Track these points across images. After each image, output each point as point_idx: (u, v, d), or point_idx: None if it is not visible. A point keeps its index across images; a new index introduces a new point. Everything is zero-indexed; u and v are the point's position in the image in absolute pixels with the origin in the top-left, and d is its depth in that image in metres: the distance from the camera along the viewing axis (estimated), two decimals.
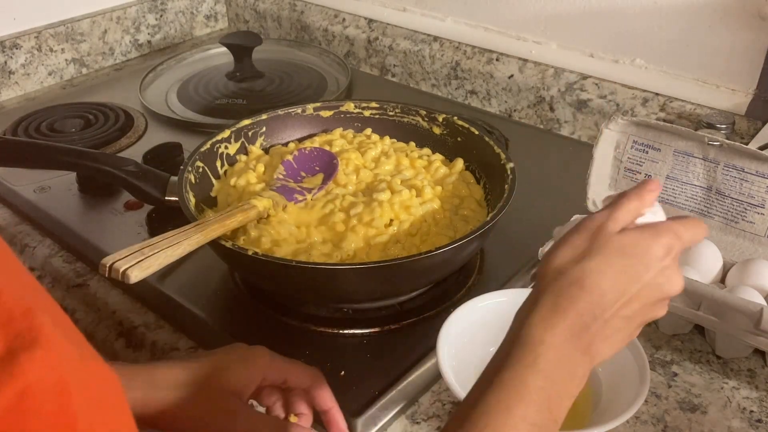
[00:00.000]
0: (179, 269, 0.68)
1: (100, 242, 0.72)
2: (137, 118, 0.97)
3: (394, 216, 0.65)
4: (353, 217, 0.64)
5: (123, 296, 0.68)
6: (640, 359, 0.51)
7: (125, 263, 0.51)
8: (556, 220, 0.70)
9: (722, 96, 0.82)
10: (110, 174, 0.70)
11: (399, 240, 0.63)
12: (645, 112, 0.87)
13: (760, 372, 0.58)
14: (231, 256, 0.61)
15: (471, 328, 0.56)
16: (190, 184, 0.67)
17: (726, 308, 0.57)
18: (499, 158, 0.69)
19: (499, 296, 0.58)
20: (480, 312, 0.57)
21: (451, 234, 0.64)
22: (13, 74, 1.08)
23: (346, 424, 0.52)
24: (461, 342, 0.54)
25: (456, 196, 0.70)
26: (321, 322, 0.62)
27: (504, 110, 1.00)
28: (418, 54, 1.06)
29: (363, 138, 0.77)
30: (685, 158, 0.67)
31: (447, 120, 0.76)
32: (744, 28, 0.79)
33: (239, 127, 0.75)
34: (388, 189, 0.67)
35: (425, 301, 0.64)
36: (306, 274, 0.56)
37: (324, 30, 1.18)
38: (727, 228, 0.66)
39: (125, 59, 1.22)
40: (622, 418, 0.47)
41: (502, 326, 0.57)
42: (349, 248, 0.62)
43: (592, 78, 0.91)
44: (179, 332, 0.64)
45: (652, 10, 0.84)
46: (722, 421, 0.54)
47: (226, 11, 1.34)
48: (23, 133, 0.93)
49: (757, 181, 0.63)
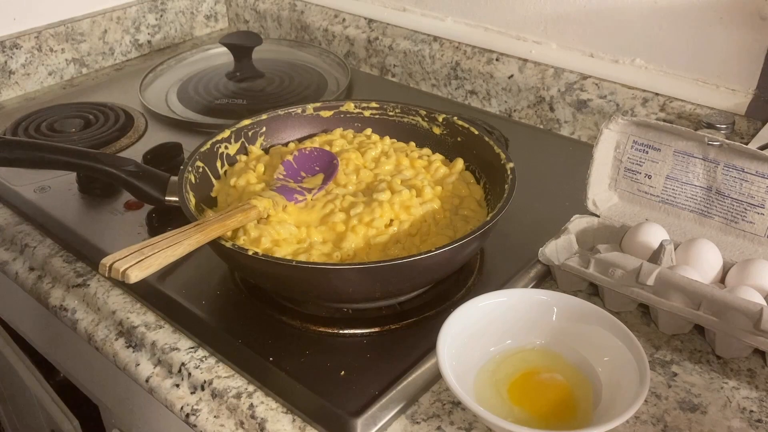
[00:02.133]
0: (179, 269, 0.68)
1: (100, 242, 0.73)
2: (137, 118, 0.98)
3: (394, 216, 0.65)
4: (353, 217, 0.64)
5: (123, 296, 0.68)
6: (640, 359, 0.51)
7: (125, 263, 0.51)
8: (556, 220, 0.70)
9: (722, 96, 0.83)
10: (110, 174, 0.70)
11: (399, 240, 0.63)
12: (645, 112, 0.87)
13: (760, 372, 0.58)
14: (231, 256, 0.61)
15: (471, 328, 0.56)
16: (190, 184, 0.67)
17: (726, 308, 0.57)
18: (499, 158, 0.69)
19: (499, 296, 0.58)
20: (480, 312, 0.57)
21: (451, 234, 0.64)
22: (13, 74, 1.08)
23: (347, 423, 0.52)
24: (461, 342, 0.54)
25: (456, 196, 0.70)
26: (321, 322, 0.62)
27: (504, 110, 1.00)
28: (418, 54, 1.06)
29: (363, 138, 0.77)
30: (685, 158, 0.67)
31: (447, 120, 0.76)
32: (744, 28, 0.79)
33: (239, 127, 0.75)
34: (388, 189, 0.67)
35: (425, 301, 0.64)
36: (306, 274, 0.56)
37: (324, 30, 1.18)
38: (727, 228, 0.66)
39: (125, 59, 1.22)
40: (622, 418, 0.47)
41: (502, 326, 0.57)
42: (349, 248, 0.62)
43: (592, 78, 0.91)
44: (179, 332, 0.64)
45: (652, 10, 0.84)
46: (722, 421, 0.54)
47: (226, 11, 1.34)
48: (23, 133, 0.93)
49: (757, 181, 0.63)
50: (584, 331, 0.56)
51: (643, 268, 0.61)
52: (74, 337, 0.71)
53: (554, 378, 0.55)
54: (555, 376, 0.55)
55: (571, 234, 0.68)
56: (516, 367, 0.55)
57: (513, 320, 0.57)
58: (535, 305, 0.58)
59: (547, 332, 0.57)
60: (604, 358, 0.54)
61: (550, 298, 0.58)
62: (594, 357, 0.55)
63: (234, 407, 0.57)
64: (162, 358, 0.62)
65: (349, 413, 0.53)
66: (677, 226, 0.68)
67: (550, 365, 0.56)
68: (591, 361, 0.55)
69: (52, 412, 0.91)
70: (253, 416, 0.56)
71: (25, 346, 0.92)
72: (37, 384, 0.92)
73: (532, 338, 0.57)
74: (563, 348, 0.56)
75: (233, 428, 0.56)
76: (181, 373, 0.61)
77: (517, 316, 0.57)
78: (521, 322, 0.57)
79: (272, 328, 0.62)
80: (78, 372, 0.83)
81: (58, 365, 0.87)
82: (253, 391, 0.58)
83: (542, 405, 0.52)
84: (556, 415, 0.52)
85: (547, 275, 0.68)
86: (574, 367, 0.55)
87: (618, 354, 0.53)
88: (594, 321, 0.56)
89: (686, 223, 0.68)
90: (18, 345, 0.93)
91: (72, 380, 0.85)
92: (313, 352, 0.59)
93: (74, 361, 0.81)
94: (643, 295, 0.61)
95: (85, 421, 0.88)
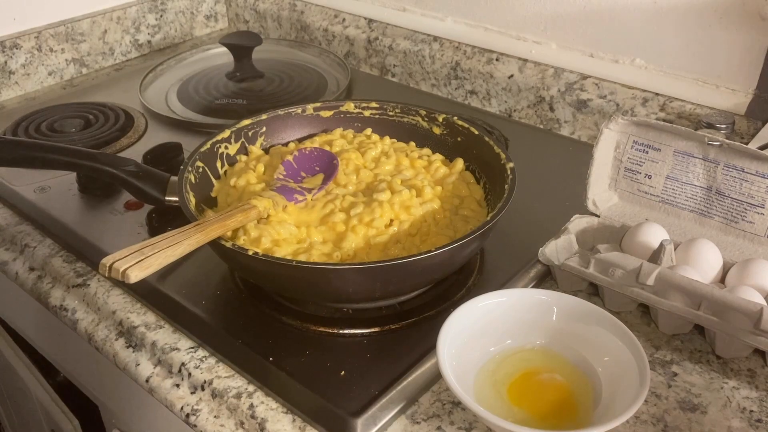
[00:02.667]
0: (179, 269, 0.68)
1: (100, 242, 0.73)
2: (137, 118, 0.98)
3: (394, 216, 0.65)
4: (353, 217, 0.64)
5: (123, 296, 0.68)
6: (639, 359, 0.51)
7: (125, 263, 0.51)
8: (556, 220, 0.70)
9: (722, 96, 0.83)
10: (110, 174, 0.70)
11: (399, 240, 0.63)
12: (645, 112, 0.87)
13: (760, 372, 0.58)
14: (231, 256, 0.61)
15: (471, 328, 0.56)
16: (191, 184, 0.67)
17: (726, 308, 0.57)
18: (499, 158, 0.69)
19: (499, 296, 0.58)
20: (480, 312, 0.57)
21: (451, 234, 0.64)
22: (14, 74, 1.08)
23: (347, 423, 0.52)
24: (461, 342, 0.54)
25: (456, 196, 0.70)
26: (321, 322, 0.62)
27: (504, 110, 1.00)
28: (418, 54, 1.06)
29: (363, 138, 0.77)
30: (685, 158, 0.67)
31: (447, 120, 0.76)
32: (744, 28, 0.79)
33: (239, 127, 0.75)
34: (388, 189, 0.67)
35: (425, 301, 0.64)
36: (306, 274, 0.56)
37: (324, 30, 1.18)
38: (727, 228, 0.66)
39: (125, 59, 1.22)
40: (622, 418, 0.47)
41: (502, 326, 0.57)
42: (349, 248, 0.62)
43: (592, 78, 0.91)
44: (179, 332, 0.64)
45: (652, 10, 0.85)
46: (722, 421, 0.54)
47: (226, 11, 1.34)
48: (23, 133, 0.93)
49: (757, 181, 0.63)
50: (584, 331, 0.56)
51: (643, 268, 0.61)
52: (74, 337, 0.71)
53: (554, 378, 0.55)
54: (555, 377, 0.55)
55: (571, 234, 0.68)
56: (516, 367, 0.55)
57: (513, 320, 0.57)
58: (535, 305, 0.58)
59: (547, 332, 0.57)
60: (604, 358, 0.54)
61: (550, 298, 0.58)
62: (594, 357, 0.55)
63: (234, 407, 0.57)
64: (162, 358, 0.62)
65: (349, 413, 0.53)
66: (677, 226, 0.68)
67: (550, 365, 0.56)
68: (591, 361, 0.55)
69: (52, 412, 0.91)
70: (253, 416, 0.56)
71: (25, 346, 0.92)
72: (37, 384, 0.92)
73: (532, 338, 0.57)
74: (563, 348, 0.56)
75: (233, 428, 0.56)
76: (181, 373, 0.61)
77: (516, 316, 0.57)
78: (521, 322, 0.57)
79: (272, 328, 0.62)
80: (78, 372, 0.83)
81: (58, 365, 0.87)
82: (253, 391, 0.58)
83: (542, 405, 0.52)
84: (555, 416, 0.52)
85: (547, 275, 0.68)
86: (574, 366, 0.55)
87: (618, 354, 0.53)
88: (594, 321, 0.56)
89: (686, 223, 0.68)
90: (18, 345, 0.93)
91: (72, 380, 0.85)
92: (313, 352, 0.59)
93: (74, 361, 0.81)
94: (643, 295, 0.61)
95: (85, 421, 0.88)
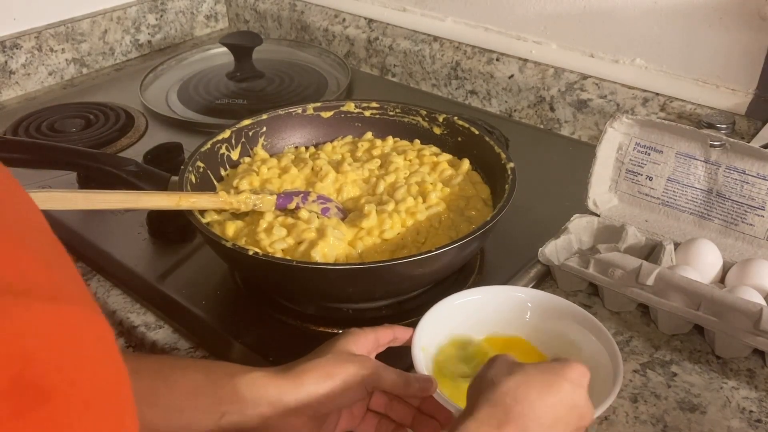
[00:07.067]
0: (179, 269, 0.68)
1: (100, 242, 0.72)
2: (137, 118, 0.98)
3: (402, 224, 0.65)
4: (363, 229, 0.64)
5: (123, 296, 0.68)
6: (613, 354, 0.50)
7: None
8: (556, 220, 0.70)
9: (722, 96, 0.83)
10: (110, 174, 0.70)
11: (405, 246, 0.63)
12: (645, 112, 0.87)
13: (759, 372, 0.58)
14: (231, 256, 0.61)
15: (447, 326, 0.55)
16: (191, 184, 0.67)
17: (725, 308, 0.57)
18: (500, 158, 0.69)
19: (474, 294, 0.57)
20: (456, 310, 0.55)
21: (453, 234, 0.64)
22: (14, 74, 1.09)
23: None
24: (438, 342, 0.54)
25: (462, 197, 0.69)
26: (321, 322, 0.62)
27: (504, 110, 1.00)
28: (418, 54, 1.06)
29: (366, 145, 0.77)
30: (687, 160, 0.67)
31: (447, 120, 0.76)
32: (744, 28, 0.79)
33: (239, 127, 0.75)
34: (392, 200, 0.67)
35: (425, 301, 0.64)
36: (306, 274, 0.57)
37: (324, 30, 1.18)
38: (726, 230, 0.66)
39: (125, 59, 1.22)
40: (597, 411, 0.46)
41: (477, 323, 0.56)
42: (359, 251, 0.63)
43: (592, 78, 0.91)
44: (179, 332, 0.64)
45: (652, 10, 0.85)
46: (722, 421, 0.54)
47: (227, 11, 1.35)
48: (24, 133, 0.93)
49: (758, 183, 0.63)
50: (559, 327, 0.55)
51: (642, 268, 0.61)
52: None
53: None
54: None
55: (571, 234, 0.68)
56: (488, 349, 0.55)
57: (490, 317, 0.56)
58: (510, 302, 0.57)
59: (522, 328, 0.57)
60: (579, 353, 0.54)
61: (525, 295, 0.57)
62: (569, 352, 0.54)
63: None
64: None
65: None
66: (677, 228, 0.68)
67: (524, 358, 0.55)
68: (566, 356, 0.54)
69: None
70: None
71: None
72: None
73: (509, 332, 0.57)
74: (539, 343, 0.56)
75: None
76: None
77: (493, 313, 0.56)
78: (497, 319, 0.56)
79: (272, 328, 0.62)
80: None
81: None
82: None
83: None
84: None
85: (547, 275, 0.68)
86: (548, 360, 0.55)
87: (593, 349, 0.53)
88: (568, 316, 0.55)
89: (686, 225, 0.68)
90: None
91: None
92: None
93: None
94: (643, 295, 0.61)
95: None
